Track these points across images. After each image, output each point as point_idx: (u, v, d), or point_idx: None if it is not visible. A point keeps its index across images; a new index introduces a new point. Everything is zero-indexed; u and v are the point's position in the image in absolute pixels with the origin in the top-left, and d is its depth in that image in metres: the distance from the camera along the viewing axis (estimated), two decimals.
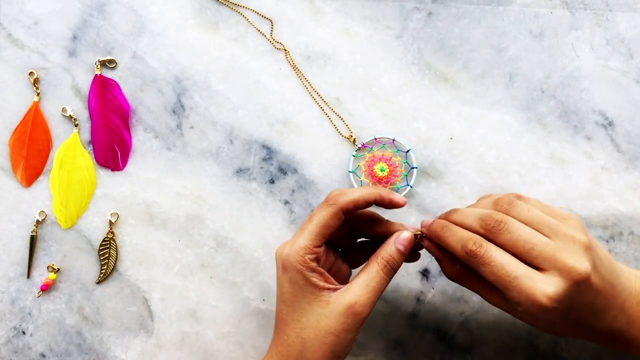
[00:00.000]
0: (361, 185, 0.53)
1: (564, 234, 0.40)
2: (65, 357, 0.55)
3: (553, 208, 0.43)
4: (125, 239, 0.56)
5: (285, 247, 0.44)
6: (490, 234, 0.41)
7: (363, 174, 0.55)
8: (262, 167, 0.57)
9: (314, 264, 0.43)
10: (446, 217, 0.45)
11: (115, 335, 0.55)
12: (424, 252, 0.53)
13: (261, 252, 0.56)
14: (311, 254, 0.43)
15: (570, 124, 0.56)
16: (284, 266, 0.44)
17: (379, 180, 0.55)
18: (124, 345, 0.55)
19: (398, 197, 0.46)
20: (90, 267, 0.56)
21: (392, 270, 0.44)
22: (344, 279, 0.48)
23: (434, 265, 0.55)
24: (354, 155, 0.56)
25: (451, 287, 0.55)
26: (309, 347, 0.43)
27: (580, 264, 0.39)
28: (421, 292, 0.55)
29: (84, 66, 0.58)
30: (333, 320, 0.42)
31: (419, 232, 0.46)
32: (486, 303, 0.54)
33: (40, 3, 0.58)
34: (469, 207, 0.45)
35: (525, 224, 0.41)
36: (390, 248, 0.44)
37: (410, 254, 0.46)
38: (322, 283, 0.43)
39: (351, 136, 0.56)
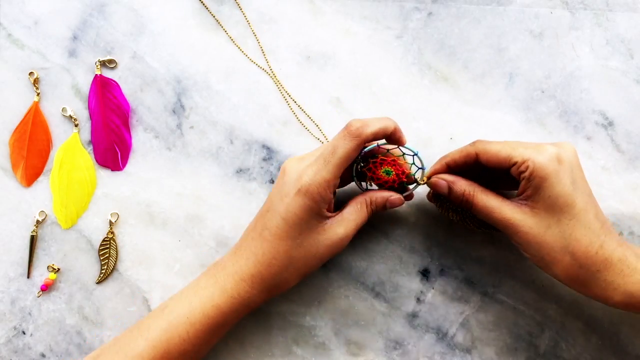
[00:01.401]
0: (366, 189, 0.51)
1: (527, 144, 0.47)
2: (65, 357, 0.55)
3: None
4: (125, 239, 0.56)
5: (305, 174, 0.46)
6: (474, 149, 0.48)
7: (368, 176, 0.52)
8: (262, 167, 0.57)
9: (331, 196, 0.47)
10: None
11: (115, 335, 0.55)
12: (423, 251, 0.53)
13: None
14: (332, 186, 0.47)
15: (570, 124, 0.56)
16: (301, 191, 0.46)
17: (385, 182, 0.50)
18: None
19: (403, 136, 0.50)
20: (90, 267, 0.56)
21: (374, 213, 0.50)
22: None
23: (433, 265, 0.55)
24: (355, 163, 0.51)
25: (451, 287, 0.55)
26: (294, 264, 0.48)
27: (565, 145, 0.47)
28: (421, 292, 0.55)
29: (84, 66, 0.58)
30: (325, 246, 0.48)
31: (422, 182, 0.50)
32: (486, 303, 0.54)
33: (40, 3, 0.58)
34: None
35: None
36: (380, 202, 0.50)
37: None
38: (326, 213, 0.48)
39: None
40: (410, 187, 0.51)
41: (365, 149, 0.50)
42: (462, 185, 0.48)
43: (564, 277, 0.46)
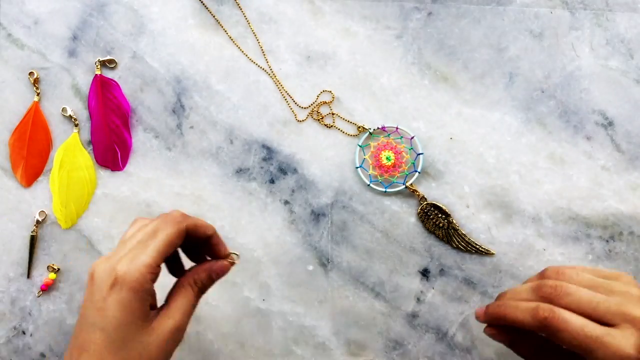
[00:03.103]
0: (370, 178, 0.55)
1: (619, 290, 0.40)
2: None
3: (599, 269, 0.43)
4: None
5: (121, 263, 0.39)
6: (549, 302, 0.41)
7: (370, 166, 0.56)
8: (262, 167, 0.57)
9: (152, 285, 0.40)
10: (498, 299, 0.45)
11: None
12: (423, 251, 0.53)
13: (261, 252, 0.56)
14: (154, 273, 0.40)
15: (570, 124, 0.56)
16: (115, 284, 0.38)
17: (386, 170, 0.55)
18: None
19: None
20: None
21: (203, 293, 0.44)
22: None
23: (433, 265, 0.55)
24: (359, 146, 0.56)
25: (451, 287, 0.55)
26: None
27: None
28: (421, 292, 0.55)
29: (84, 66, 0.58)
30: (157, 346, 0.40)
31: (235, 255, 0.45)
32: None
33: (40, 3, 0.58)
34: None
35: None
36: (204, 277, 0.44)
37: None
38: (149, 308, 0.40)
39: (362, 127, 0.56)
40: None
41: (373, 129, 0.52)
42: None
43: None
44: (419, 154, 0.55)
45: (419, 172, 0.55)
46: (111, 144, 0.57)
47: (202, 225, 0.43)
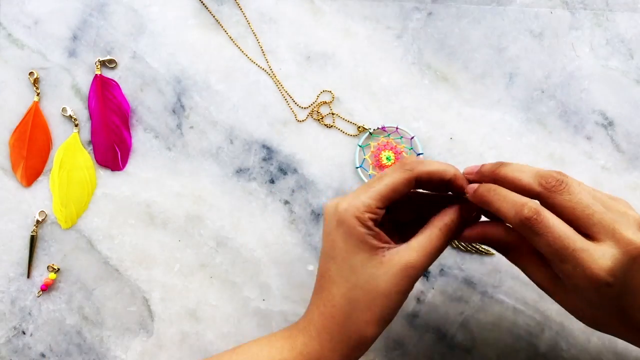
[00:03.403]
0: (370, 178, 0.53)
1: (617, 209, 0.38)
2: (65, 357, 0.55)
3: (602, 191, 0.41)
4: (125, 239, 0.56)
5: (344, 201, 0.41)
6: (549, 193, 0.38)
7: (371, 166, 0.56)
8: (262, 167, 0.57)
9: (371, 223, 0.40)
10: (496, 171, 0.41)
11: (115, 335, 0.55)
12: None
13: (261, 252, 0.56)
14: (372, 213, 0.40)
15: (570, 124, 0.56)
16: (339, 220, 0.41)
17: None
18: (124, 345, 0.55)
19: (467, 185, 0.43)
20: (90, 267, 0.56)
21: (451, 234, 0.42)
22: None
23: (433, 265, 0.55)
24: (359, 146, 0.56)
25: (451, 287, 0.55)
26: (356, 308, 0.40)
27: (638, 238, 0.36)
28: (421, 292, 0.55)
29: (84, 66, 0.58)
30: (385, 281, 0.40)
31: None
32: (486, 303, 0.54)
33: (40, 3, 0.58)
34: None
35: None
36: (454, 217, 0.42)
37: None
38: (376, 242, 0.41)
39: (362, 127, 0.56)
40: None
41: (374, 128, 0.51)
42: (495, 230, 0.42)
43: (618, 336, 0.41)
44: (419, 154, 0.55)
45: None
46: (111, 144, 0.57)
47: (436, 172, 0.41)
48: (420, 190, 0.45)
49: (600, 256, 0.36)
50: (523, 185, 0.39)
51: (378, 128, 0.56)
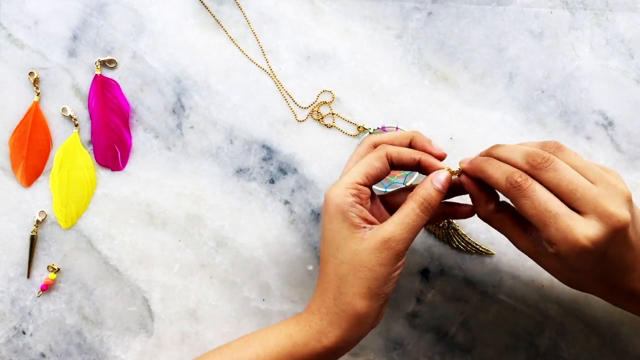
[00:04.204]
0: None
1: (607, 181, 0.40)
2: (65, 357, 0.55)
3: (595, 163, 0.43)
4: (125, 239, 0.56)
5: (332, 186, 0.45)
6: (535, 170, 0.41)
7: None
8: (262, 167, 0.57)
9: (352, 199, 0.44)
10: (489, 152, 0.45)
11: (115, 335, 0.55)
12: (423, 251, 0.53)
13: (261, 252, 0.56)
14: (352, 188, 0.44)
15: (570, 124, 0.56)
16: (326, 203, 0.45)
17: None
18: (124, 345, 0.55)
19: (431, 146, 0.47)
20: (90, 267, 0.56)
21: (429, 207, 0.44)
22: None
23: (433, 265, 0.55)
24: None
25: (451, 287, 0.55)
26: (345, 282, 0.44)
27: (621, 212, 0.39)
28: (421, 292, 0.55)
29: (84, 66, 0.58)
30: (367, 254, 0.43)
31: (458, 170, 0.46)
32: (486, 303, 0.54)
33: (40, 3, 0.58)
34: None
35: (571, 167, 0.41)
36: (428, 186, 0.44)
37: (450, 194, 0.46)
38: (358, 220, 0.44)
39: (362, 127, 0.56)
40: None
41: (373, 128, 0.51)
42: (490, 208, 0.45)
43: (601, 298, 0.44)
44: None
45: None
46: (111, 144, 0.57)
47: (398, 138, 0.47)
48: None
49: (583, 225, 0.38)
50: (513, 164, 0.42)
51: (378, 128, 0.56)
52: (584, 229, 0.38)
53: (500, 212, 0.44)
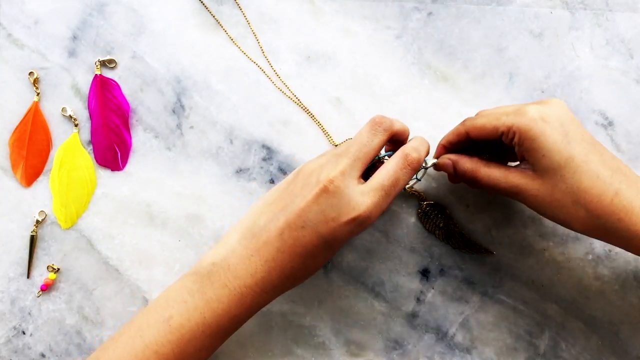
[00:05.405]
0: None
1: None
2: (65, 357, 0.55)
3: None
4: (125, 239, 0.56)
5: (329, 170, 0.45)
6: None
7: None
8: (262, 167, 0.57)
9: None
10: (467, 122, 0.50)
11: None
12: (423, 251, 0.52)
13: None
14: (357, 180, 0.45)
15: None
16: (325, 189, 0.44)
17: None
18: None
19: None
20: (90, 267, 0.56)
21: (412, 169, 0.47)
22: None
23: (433, 265, 0.55)
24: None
25: (451, 287, 0.55)
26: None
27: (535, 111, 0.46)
28: (421, 292, 0.55)
29: (84, 66, 0.58)
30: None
31: (428, 165, 0.51)
32: (486, 303, 0.54)
33: (40, 3, 0.58)
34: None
35: None
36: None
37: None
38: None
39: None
40: (419, 174, 0.52)
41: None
42: (465, 162, 0.49)
43: (585, 231, 0.45)
44: (423, 168, 0.54)
45: (419, 179, 0.53)
46: (111, 144, 0.57)
47: (402, 130, 0.49)
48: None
49: (528, 108, 0.46)
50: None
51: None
52: (531, 109, 0.45)
53: (479, 162, 0.49)
